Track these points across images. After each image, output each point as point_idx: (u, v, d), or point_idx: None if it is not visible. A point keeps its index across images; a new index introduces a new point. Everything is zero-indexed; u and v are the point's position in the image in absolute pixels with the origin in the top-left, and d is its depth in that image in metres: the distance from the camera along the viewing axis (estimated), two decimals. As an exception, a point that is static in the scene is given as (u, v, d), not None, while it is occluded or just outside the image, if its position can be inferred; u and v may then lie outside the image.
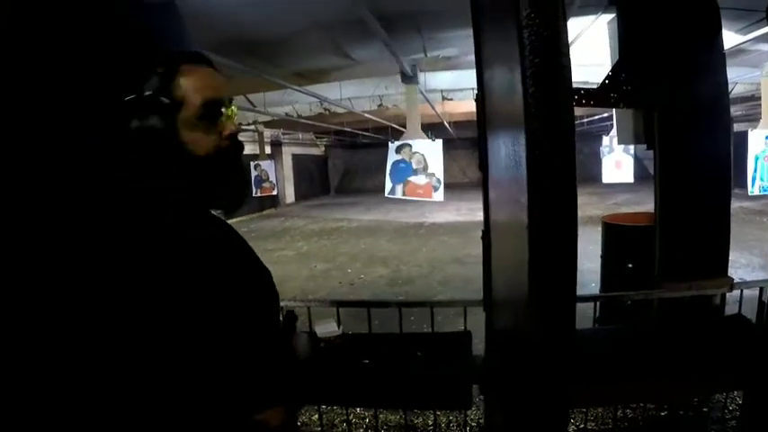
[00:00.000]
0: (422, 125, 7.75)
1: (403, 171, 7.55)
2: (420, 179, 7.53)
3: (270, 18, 4.54)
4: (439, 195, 7.60)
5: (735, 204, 3.34)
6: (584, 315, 3.43)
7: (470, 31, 1.95)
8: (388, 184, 7.66)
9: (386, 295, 7.45)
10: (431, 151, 7.49)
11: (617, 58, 3.02)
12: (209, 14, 4.15)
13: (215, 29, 4.60)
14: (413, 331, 3.64)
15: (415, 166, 7.52)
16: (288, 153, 23.31)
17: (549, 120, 1.03)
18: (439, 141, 7.49)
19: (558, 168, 1.05)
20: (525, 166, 1.05)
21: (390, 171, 7.61)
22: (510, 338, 1.48)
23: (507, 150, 1.29)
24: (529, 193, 1.05)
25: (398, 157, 7.56)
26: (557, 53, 1.03)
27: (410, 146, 7.49)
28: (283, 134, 20.08)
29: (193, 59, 1.15)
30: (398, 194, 7.70)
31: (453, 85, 9.36)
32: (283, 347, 1.29)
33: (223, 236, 1.23)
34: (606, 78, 2.88)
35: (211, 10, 4.08)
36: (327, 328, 2.96)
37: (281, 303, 2.86)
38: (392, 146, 7.59)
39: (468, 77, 8.32)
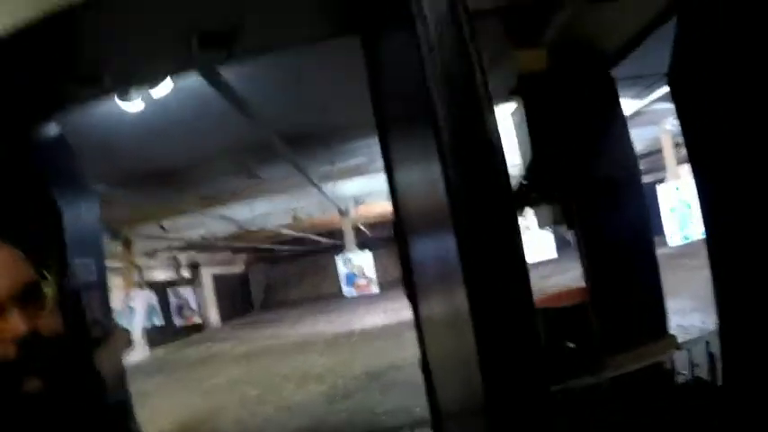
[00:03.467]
0: (338, 232, 11.96)
1: (351, 278, 12.45)
2: (362, 281, 12.44)
3: (177, 148, 4.50)
4: (375, 288, 12.67)
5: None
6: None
7: (376, 140, 1.96)
8: (344, 289, 12.61)
9: (326, 415, 7.10)
10: (364, 260, 12.28)
11: (525, 144, 3.08)
12: (114, 148, 4.07)
13: (121, 162, 4.50)
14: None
15: (357, 274, 12.33)
16: (207, 274, 22.64)
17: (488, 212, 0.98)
18: (368, 252, 12.34)
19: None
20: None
21: (344, 280, 12.51)
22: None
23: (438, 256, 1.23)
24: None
25: (346, 270, 12.37)
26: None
27: (351, 259, 12.21)
28: (200, 254, 19.61)
29: None
30: (353, 293, 12.69)
31: (365, 190, 9.54)
32: None
33: None
34: (524, 178, 2.94)
35: (117, 144, 4.00)
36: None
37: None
38: (339, 260, 12.47)
39: (379, 180, 8.52)
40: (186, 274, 19.75)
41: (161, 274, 17.90)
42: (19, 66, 1.58)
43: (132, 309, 10.82)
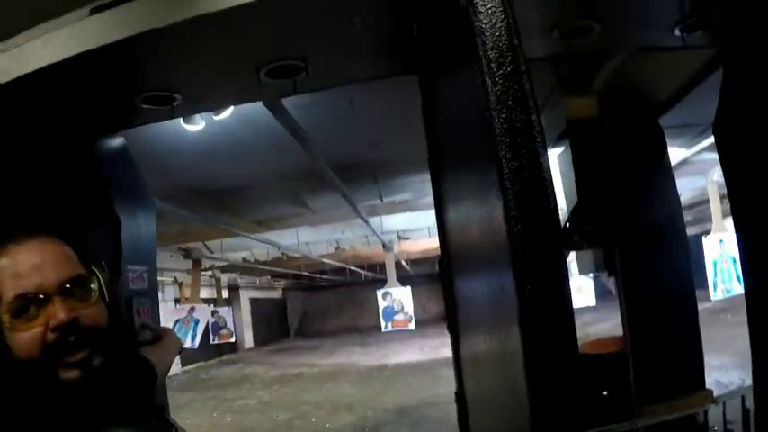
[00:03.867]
0: (379, 266, 11.37)
1: (390, 313, 12.13)
2: (400, 316, 12.05)
3: (231, 169, 4.64)
4: (412, 325, 12.28)
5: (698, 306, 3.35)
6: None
7: (425, 176, 2.00)
8: (382, 323, 12.23)
9: (353, 445, 7.08)
10: (404, 295, 12.02)
11: (570, 190, 3.12)
12: (170, 164, 4.21)
13: (175, 177, 4.65)
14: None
15: (396, 309, 12.04)
16: (245, 297, 22.86)
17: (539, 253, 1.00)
18: (408, 288, 12.11)
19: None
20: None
21: (383, 314, 12.18)
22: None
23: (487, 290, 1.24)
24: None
25: (386, 303, 12.11)
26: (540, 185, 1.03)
27: (390, 293, 12.02)
28: (240, 276, 19.83)
29: (28, 228, 0.98)
30: (390, 328, 12.26)
31: (409, 226, 9.58)
32: None
33: None
34: (567, 221, 2.97)
35: (173, 159, 4.13)
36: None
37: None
38: (379, 293, 12.22)
39: (424, 217, 8.58)
40: (225, 294, 19.95)
41: (201, 293, 18.11)
42: (90, 83, 1.69)
43: (197, 321, 11.11)
